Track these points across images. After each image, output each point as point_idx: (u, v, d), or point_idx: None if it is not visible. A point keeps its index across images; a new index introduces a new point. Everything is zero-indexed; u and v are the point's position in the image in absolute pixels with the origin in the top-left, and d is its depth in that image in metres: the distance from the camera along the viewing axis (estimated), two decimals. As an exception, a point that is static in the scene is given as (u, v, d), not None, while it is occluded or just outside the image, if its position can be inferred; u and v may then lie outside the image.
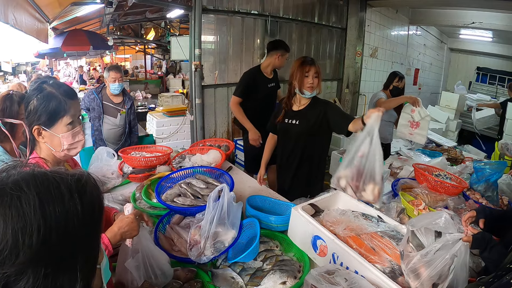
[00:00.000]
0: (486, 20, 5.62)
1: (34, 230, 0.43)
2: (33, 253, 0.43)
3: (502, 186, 1.98)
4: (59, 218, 0.46)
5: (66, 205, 0.47)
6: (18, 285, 0.43)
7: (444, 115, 5.14)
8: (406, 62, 6.92)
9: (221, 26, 3.75)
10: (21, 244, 0.42)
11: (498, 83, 8.13)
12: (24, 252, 0.43)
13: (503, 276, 0.79)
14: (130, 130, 2.97)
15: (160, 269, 1.06)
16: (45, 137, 1.05)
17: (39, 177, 0.48)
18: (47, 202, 0.45)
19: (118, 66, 3.04)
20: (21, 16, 2.85)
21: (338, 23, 5.08)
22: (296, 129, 1.99)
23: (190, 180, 1.54)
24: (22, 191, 0.45)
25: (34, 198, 0.45)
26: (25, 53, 9.72)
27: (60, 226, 0.46)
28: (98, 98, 2.79)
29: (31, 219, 0.43)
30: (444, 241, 0.92)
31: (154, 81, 8.97)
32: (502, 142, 3.18)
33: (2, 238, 0.42)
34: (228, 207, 1.19)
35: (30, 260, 0.43)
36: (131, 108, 2.94)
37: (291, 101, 2.03)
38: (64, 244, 0.47)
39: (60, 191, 0.47)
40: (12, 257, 0.42)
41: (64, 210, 0.46)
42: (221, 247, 1.16)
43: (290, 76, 1.95)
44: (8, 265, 0.42)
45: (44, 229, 0.44)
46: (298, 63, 1.90)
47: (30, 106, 1.03)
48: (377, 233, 1.23)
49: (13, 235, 0.42)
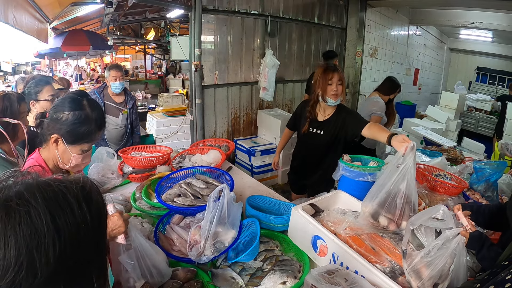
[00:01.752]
0: (486, 20, 5.62)
1: (49, 246, 0.41)
2: (51, 271, 0.41)
3: (502, 186, 1.98)
4: (72, 229, 0.44)
5: (76, 215, 0.45)
6: None
7: (444, 115, 5.14)
8: (406, 62, 6.92)
9: (221, 26, 3.75)
10: (37, 263, 0.40)
11: (498, 83, 8.13)
12: (42, 271, 0.40)
13: (498, 273, 0.79)
14: (132, 130, 2.95)
15: (155, 268, 1.05)
16: (59, 148, 1.06)
17: (45, 188, 0.45)
18: (58, 215, 0.43)
19: (119, 65, 3.02)
20: (21, 16, 2.85)
21: (338, 23, 5.08)
22: (321, 139, 1.99)
23: (190, 180, 1.54)
24: (30, 205, 0.42)
25: (45, 211, 0.42)
26: (25, 53, 9.71)
27: (73, 237, 0.44)
28: (99, 98, 2.76)
29: (45, 235, 0.41)
30: (445, 237, 0.92)
31: (154, 81, 8.96)
32: (502, 142, 3.17)
33: (16, 260, 0.39)
34: (228, 207, 1.19)
35: (48, 279, 0.40)
36: (133, 108, 2.92)
37: (316, 109, 2.00)
38: (78, 256, 0.45)
39: (68, 201, 0.45)
40: (29, 278, 0.39)
41: (75, 221, 0.45)
42: (221, 247, 1.16)
43: (313, 84, 1.92)
44: (26, 286, 0.39)
45: (59, 244, 0.42)
46: (321, 70, 1.86)
47: (62, 116, 1.03)
48: (377, 233, 1.23)
49: (28, 255, 0.39)
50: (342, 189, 1.60)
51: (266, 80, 3.91)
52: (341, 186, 1.65)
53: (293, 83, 4.76)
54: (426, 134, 3.91)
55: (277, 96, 4.50)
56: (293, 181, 2.43)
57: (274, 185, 3.98)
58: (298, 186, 2.36)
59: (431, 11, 6.34)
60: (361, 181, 1.54)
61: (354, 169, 1.55)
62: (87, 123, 1.05)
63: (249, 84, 4.18)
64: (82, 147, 1.08)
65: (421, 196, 1.75)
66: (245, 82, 4.14)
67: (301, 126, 2.09)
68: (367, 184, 1.57)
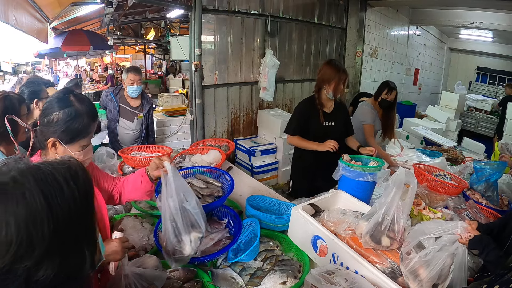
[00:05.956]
0: (486, 20, 5.61)
1: (44, 223, 0.47)
2: (47, 244, 0.47)
3: (502, 186, 1.98)
4: (62, 206, 0.50)
5: (65, 193, 0.51)
6: (38, 274, 0.47)
7: (444, 115, 5.14)
8: (406, 62, 6.92)
9: (221, 26, 3.75)
10: (34, 237, 0.46)
11: (498, 83, 8.14)
12: (39, 245, 0.46)
13: (504, 274, 0.80)
14: (147, 134, 2.83)
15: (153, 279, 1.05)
16: (58, 151, 1.04)
17: (36, 171, 0.50)
18: (50, 194, 0.49)
19: (137, 68, 2.83)
20: (21, 16, 2.85)
21: (338, 23, 5.08)
22: (334, 130, 2.13)
23: (190, 180, 1.54)
24: (25, 187, 0.47)
25: (38, 192, 0.48)
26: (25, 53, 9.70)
27: (65, 213, 0.50)
28: (115, 100, 2.64)
29: (40, 213, 0.47)
30: (442, 242, 0.92)
31: (154, 81, 8.97)
32: (502, 142, 3.17)
33: (17, 235, 0.45)
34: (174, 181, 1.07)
35: (45, 251, 0.47)
36: (149, 112, 2.78)
37: (322, 101, 2.14)
38: (71, 230, 0.51)
39: (57, 181, 0.51)
40: (28, 251, 0.46)
41: (64, 199, 0.50)
42: (197, 238, 1.09)
43: (323, 79, 2.06)
44: (27, 258, 0.46)
45: (52, 220, 0.48)
46: (335, 70, 2.03)
47: (53, 117, 1.01)
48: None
49: (27, 231, 0.46)
50: (342, 189, 1.60)
51: (266, 80, 3.91)
52: (341, 186, 1.65)
53: (293, 83, 4.76)
54: (426, 134, 3.91)
55: (277, 96, 4.50)
56: (307, 185, 2.25)
57: (274, 185, 3.98)
58: (311, 188, 2.12)
59: (431, 11, 6.34)
60: (361, 181, 1.54)
61: (354, 169, 1.56)
62: (79, 118, 1.03)
63: (249, 84, 4.18)
64: (80, 143, 1.06)
65: (421, 196, 1.75)
66: (245, 82, 4.14)
67: (314, 121, 2.12)
68: (367, 184, 1.57)
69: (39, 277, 0.47)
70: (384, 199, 1.17)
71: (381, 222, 1.15)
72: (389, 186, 1.18)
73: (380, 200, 1.19)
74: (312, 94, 2.19)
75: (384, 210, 1.16)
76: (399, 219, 1.15)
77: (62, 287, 0.50)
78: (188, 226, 1.06)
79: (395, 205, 1.15)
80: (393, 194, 1.15)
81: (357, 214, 1.35)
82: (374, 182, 1.57)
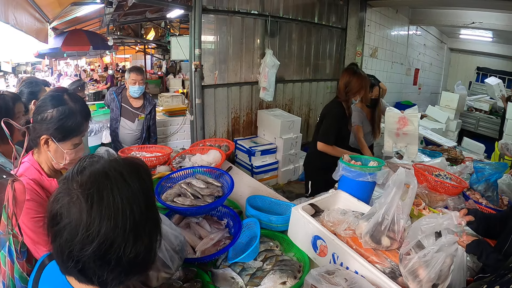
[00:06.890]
0: (486, 20, 5.61)
1: (141, 202, 0.58)
2: (144, 221, 0.58)
3: (502, 186, 1.98)
4: (148, 191, 0.62)
5: (147, 182, 0.62)
6: (126, 251, 0.55)
7: (444, 115, 5.14)
8: (406, 62, 6.92)
9: (221, 26, 3.75)
10: (128, 218, 0.56)
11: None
12: (140, 221, 0.58)
13: (505, 275, 0.80)
14: (149, 135, 2.82)
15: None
16: (51, 148, 1.05)
17: (123, 164, 0.61)
18: (142, 181, 0.61)
19: (140, 68, 2.84)
20: (21, 16, 2.84)
21: (338, 23, 5.08)
22: (349, 134, 2.39)
23: (190, 180, 1.54)
24: (122, 174, 0.58)
25: (132, 179, 0.59)
26: (25, 53, 9.69)
27: (150, 198, 0.63)
28: (117, 100, 2.64)
29: (137, 196, 0.58)
30: (441, 243, 0.92)
31: (154, 81, 8.96)
32: (502, 142, 3.17)
33: (123, 215, 0.55)
34: None
35: (135, 228, 0.57)
36: (150, 113, 2.77)
37: None
38: (154, 212, 0.63)
39: (143, 173, 0.63)
40: (137, 226, 0.57)
41: (146, 185, 0.61)
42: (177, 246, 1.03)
43: (353, 92, 2.22)
44: (134, 234, 0.56)
45: (144, 200, 0.59)
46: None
47: (47, 114, 1.02)
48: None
49: (123, 212, 0.55)
50: (342, 189, 1.60)
51: (266, 80, 3.91)
52: (341, 186, 1.65)
53: (293, 83, 4.76)
54: (426, 134, 3.91)
55: (277, 96, 4.50)
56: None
57: (274, 185, 3.98)
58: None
59: (431, 11, 6.34)
60: (361, 181, 1.54)
61: (354, 169, 1.56)
62: (72, 117, 1.05)
63: (249, 84, 4.18)
64: (73, 142, 1.08)
65: (421, 196, 1.75)
66: (245, 82, 4.14)
67: (344, 129, 2.29)
68: (367, 184, 1.57)
69: (132, 253, 0.56)
70: (384, 199, 1.17)
71: (381, 222, 1.15)
72: (389, 186, 1.18)
73: (380, 200, 1.19)
74: (337, 100, 2.30)
75: (384, 210, 1.15)
76: (399, 219, 1.15)
77: (139, 268, 0.60)
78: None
79: (395, 205, 1.15)
80: (393, 194, 1.15)
81: (357, 214, 1.35)
82: (374, 182, 1.57)
